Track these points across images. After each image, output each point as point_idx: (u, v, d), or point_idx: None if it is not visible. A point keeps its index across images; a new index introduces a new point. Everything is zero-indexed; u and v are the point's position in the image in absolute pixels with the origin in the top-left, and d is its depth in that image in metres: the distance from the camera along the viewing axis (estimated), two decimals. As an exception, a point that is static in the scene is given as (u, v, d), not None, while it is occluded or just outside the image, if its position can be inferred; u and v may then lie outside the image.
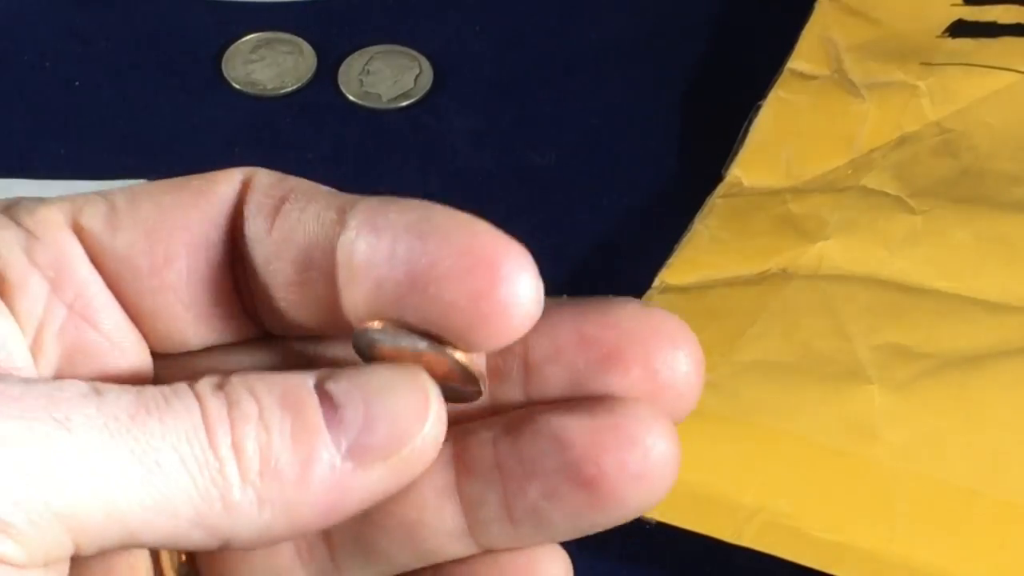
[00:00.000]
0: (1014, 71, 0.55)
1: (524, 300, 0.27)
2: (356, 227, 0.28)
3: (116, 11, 0.63)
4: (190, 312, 0.29)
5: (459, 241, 0.27)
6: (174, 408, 0.27)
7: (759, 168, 0.54)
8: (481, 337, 0.27)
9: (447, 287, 0.27)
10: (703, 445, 0.45)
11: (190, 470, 0.26)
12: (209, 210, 0.29)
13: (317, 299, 0.29)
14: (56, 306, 0.29)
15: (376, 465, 0.27)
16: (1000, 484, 0.44)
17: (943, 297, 0.48)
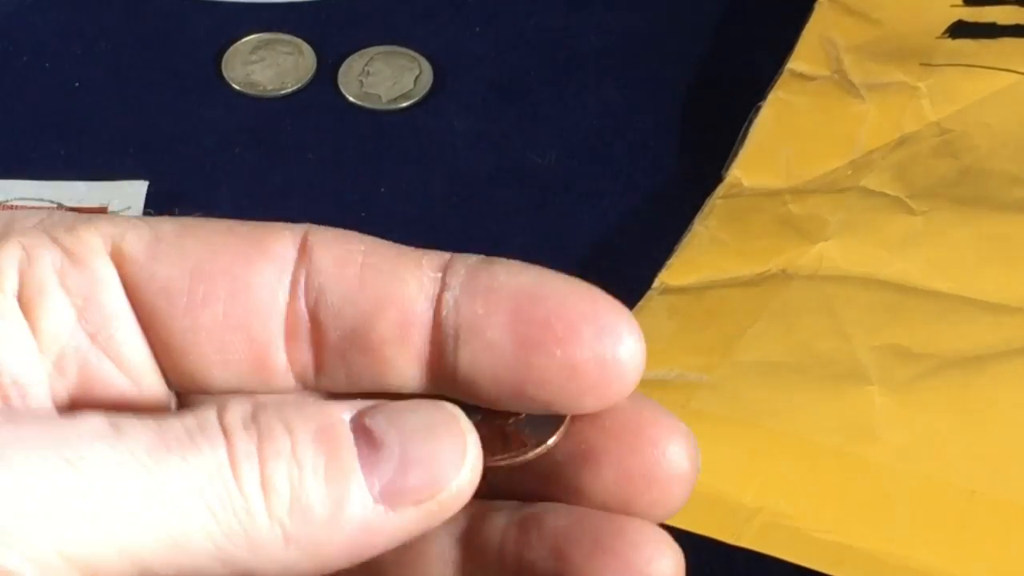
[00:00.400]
0: (1014, 72, 0.55)
1: (639, 361, 0.28)
2: (462, 287, 0.28)
3: (116, 11, 0.63)
4: (219, 356, 0.29)
5: (575, 305, 0.28)
6: (198, 445, 0.26)
7: (759, 169, 0.54)
8: (594, 399, 0.28)
9: (564, 351, 0.27)
10: (703, 445, 0.45)
11: (212, 508, 0.26)
12: (259, 260, 0.28)
13: (399, 348, 0.28)
14: (79, 334, 0.28)
15: (408, 508, 0.27)
16: (1000, 484, 0.44)
17: (943, 297, 0.48)
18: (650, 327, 0.49)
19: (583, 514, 0.29)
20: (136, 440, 0.26)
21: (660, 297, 0.50)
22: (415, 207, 0.57)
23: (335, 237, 0.29)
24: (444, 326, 0.28)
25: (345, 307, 0.28)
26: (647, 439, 0.29)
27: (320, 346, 0.29)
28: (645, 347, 0.28)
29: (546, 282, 0.28)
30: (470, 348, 0.28)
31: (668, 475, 0.29)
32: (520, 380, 0.28)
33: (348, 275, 0.28)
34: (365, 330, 0.28)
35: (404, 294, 0.28)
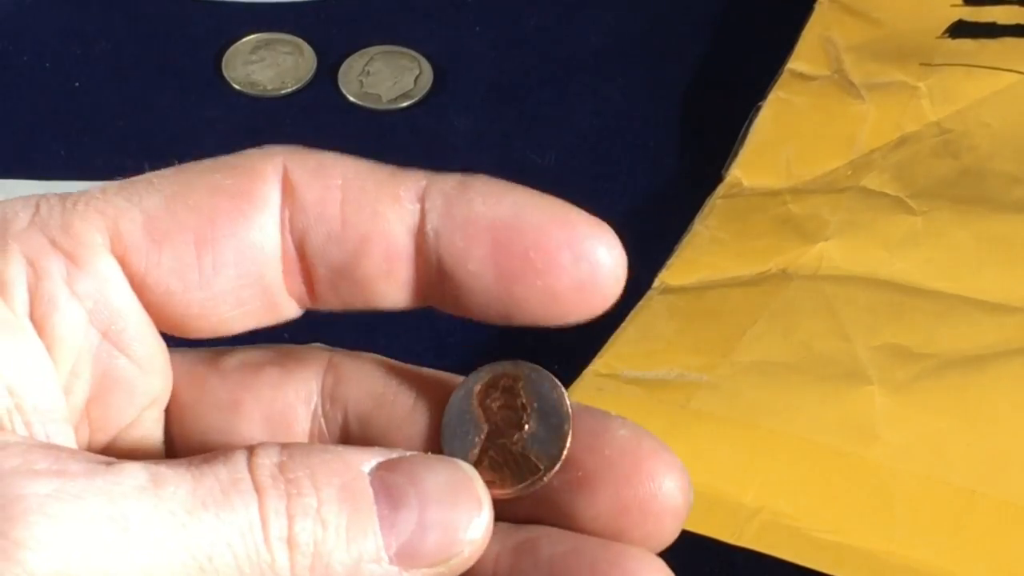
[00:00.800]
0: (1014, 72, 0.55)
1: (619, 274, 0.29)
2: (441, 219, 0.29)
3: (116, 11, 0.63)
4: (236, 311, 0.29)
5: (552, 233, 0.29)
6: (232, 502, 0.27)
7: (759, 168, 0.54)
8: (576, 316, 0.29)
9: (543, 280, 0.28)
10: (703, 445, 0.45)
11: (240, 564, 0.27)
12: (253, 213, 0.29)
13: (386, 281, 0.29)
14: (92, 335, 0.29)
15: (421, 570, 0.28)
16: (1000, 484, 0.44)
17: (943, 297, 0.48)
18: (650, 327, 0.49)
19: (579, 541, 0.29)
20: (174, 495, 0.26)
21: (660, 297, 0.50)
22: (415, 207, 0.57)
23: (314, 169, 0.29)
24: (427, 257, 0.29)
25: (329, 246, 0.29)
26: (645, 472, 0.29)
27: (310, 279, 0.29)
28: (624, 257, 0.29)
29: (523, 210, 0.29)
30: (453, 278, 0.29)
31: (663, 509, 0.29)
32: (504, 305, 0.29)
33: (329, 215, 0.29)
34: (351, 267, 0.29)
35: (385, 230, 0.29)
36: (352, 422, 0.31)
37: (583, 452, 0.29)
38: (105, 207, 0.29)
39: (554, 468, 0.29)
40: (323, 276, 0.29)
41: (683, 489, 0.29)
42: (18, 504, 0.25)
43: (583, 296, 0.29)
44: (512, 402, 0.30)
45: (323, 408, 0.31)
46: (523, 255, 0.29)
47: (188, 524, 0.26)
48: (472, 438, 0.30)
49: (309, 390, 0.31)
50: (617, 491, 0.29)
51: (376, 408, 0.30)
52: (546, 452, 0.29)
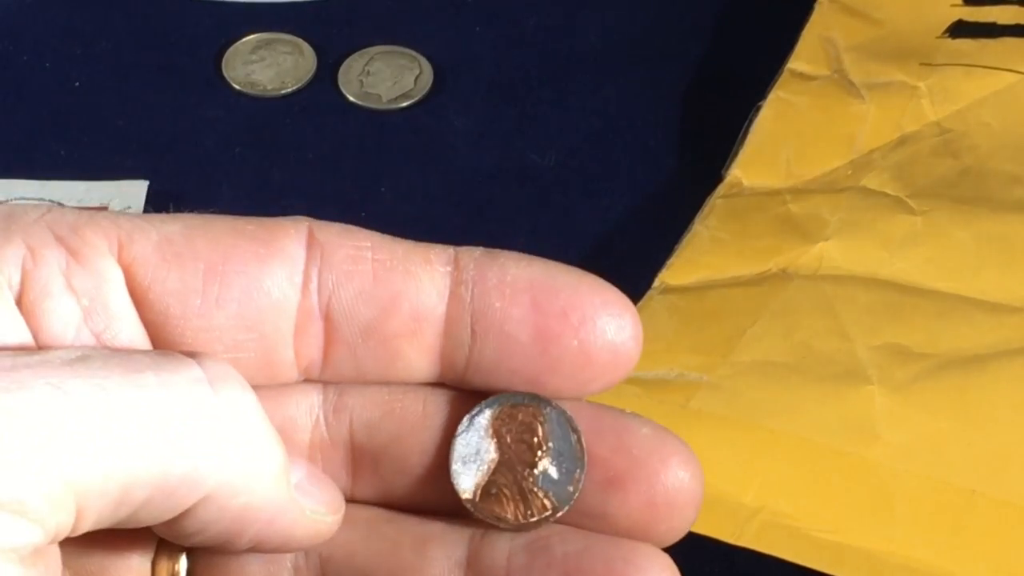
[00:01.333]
0: (1014, 72, 0.55)
1: (640, 343, 0.29)
2: (475, 281, 0.29)
3: (116, 11, 0.63)
4: (229, 355, 0.29)
5: (587, 296, 0.29)
6: (170, 366, 0.27)
7: (759, 168, 0.54)
8: (602, 383, 0.29)
9: (580, 340, 0.29)
10: (703, 445, 0.45)
11: (196, 424, 0.27)
12: (271, 260, 0.29)
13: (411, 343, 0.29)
14: (84, 334, 0.29)
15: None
16: (1000, 484, 0.44)
17: (943, 297, 0.48)
18: (650, 327, 0.49)
19: (591, 539, 0.30)
20: (105, 365, 0.27)
21: (660, 297, 0.50)
22: (415, 207, 0.57)
23: (339, 233, 0.29)
24: (459, 320, 0.29)
25: (358, 304, 0.29)
26: (672, 468, 0.30)
27: (330, 341, 0.29)
28: (641, 326, 0.29)
29: (555, 274, 0.29)
30: (486, 341, 0.29)
31: (687, 502, 0.30)
32: (536, 369, 0.29)
33: (361, 272, 0.29)
34: (378, 325, 0.29)
35: (417, 289, 0.29)
36: (358, 430, 0.31)
37: (611, 453, 0.30)
38: (121, 221, 0.29)
39: (561, 511, 0.30)
40: (345, 337, 0.29)
41: (701, 481, 0.30)
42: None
43: (613, 359, 0.29)
44: (529, 436, 0.30)
45: (326, 418, 0.31)
46: (560, 314, 0.29)
47: (124, 387, 0.26)
48: (483, 464, 0.30)
49: (311, 401, 0.31)
50: (649, 488, 0.30)
51: (383, 416, 0.30)
52: (557, 494, 0.30)
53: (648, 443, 0.30)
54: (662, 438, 0.30)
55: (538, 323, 0.29)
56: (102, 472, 0.26)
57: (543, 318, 0.29)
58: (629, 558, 0.29)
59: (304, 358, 0.30)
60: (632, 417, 0.30)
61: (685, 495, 0.30)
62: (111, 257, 0.29)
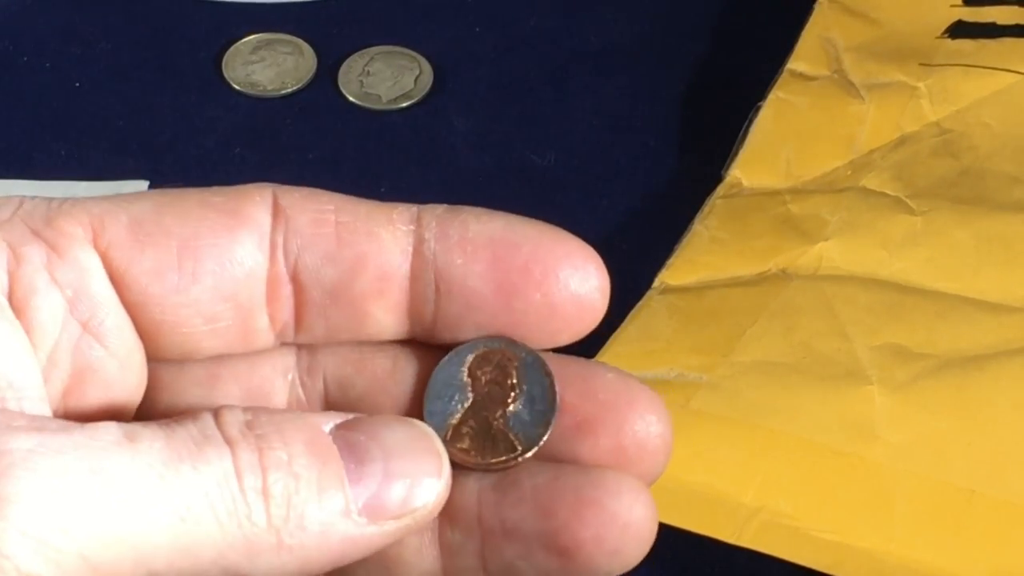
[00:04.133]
0: (1014, 72, 0.55)
1: (607, 292, 0.30)
2: (437, 239, 0.29)
3: (116, 11, 0.63)
4: (208, 327, 0.30)
5: (549, 249, 0.29)
6: (206, 455, 0.27)
7: (759, 168, 0.54)
8: (569, 334, 0.29)
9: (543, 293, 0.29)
10: (703, 445, 0.45)
11: (218, 515, 0.27)
12: (240, 229, 0.29)
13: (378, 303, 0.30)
14: (71, 324, 0.29)
15: (388, 522, 0.28)
16: (1000, 484, 0.44)
17: (943, 297, 0.48)
18: (650, 327, 0.49)
19: (558, 469, 0.30)
20: (150, 449, 0.27)
21: (660, 297, 0.50)
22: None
23: (304, 197, 0.30)
24: (423, 278, 0.29)
25: (325, 267, 0.30)
26: (639, 411, 0.30)
27: (301, 304, 0.30)
28: (608, 277, 0.30)
29: (517, 228, 0.30)
30: (450, 297, 0.29)
31: (657, 444, 0.30)
32: (501, 323, 0.29)
33: (324, 235, 0.29)
34: (345, 286, 0.30)
35: (381, 249, 0.29)
36: (332, 389, 0.31)
37: (578, 399, 0.30)
38: (92, 207, 0.29)
39: (530, 452, 0.30)
40: (314, 299, 0.30)
41: (669, 423, 0.30)
42: (2, 459, 0.26)
43: (578, 311, 0.29)
44: (502, 379, 0.30)
45: (301, 380, 0.31)
46: (523, 268, 0.29)
47: (165, 475, 0.27)
48: (456, 404, 0.30)
49: (286, 363, 0.31)
50: (617, 431, 0.30)
51: (356, 373, 0.31)
52: (526, 435, 0.30)
53: (614, 387, 0.30)
54: (627, 383, 0.30)
55: (500, 278, 0.29)
56: (132, 558, 0.26)
57: (505, 273, 0.29)
58: (598, 483, 0.29)
59: (278, 322, 0.30)
60: (596, 364, 0.31)
61: (655, 438, 0.30)
62: (88, 245, 0.29)
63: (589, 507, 0.29)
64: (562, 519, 0.29)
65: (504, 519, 0.30)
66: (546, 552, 0.29)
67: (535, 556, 0.30)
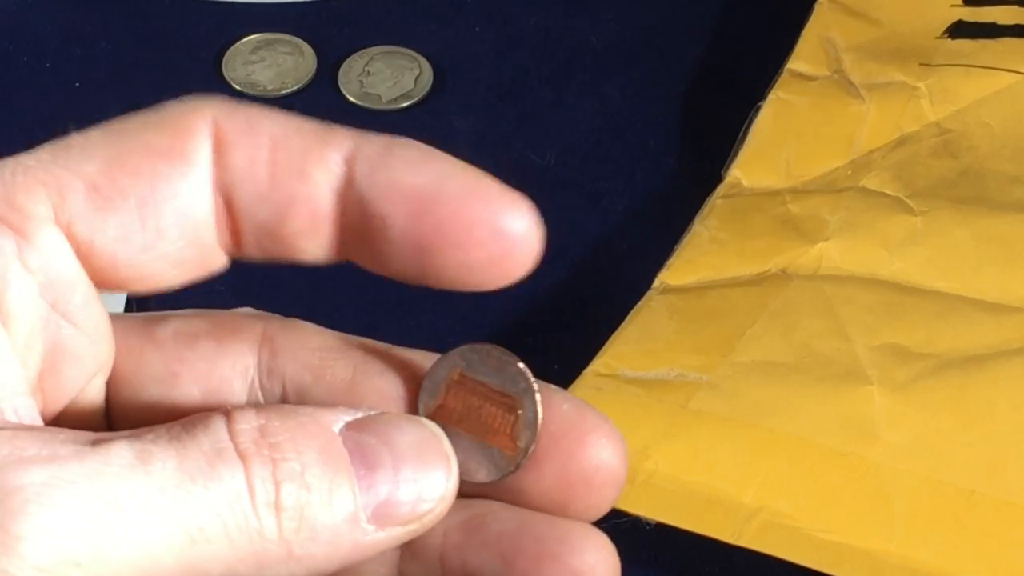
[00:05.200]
0: (1014, 72, 0.55)
1: (533, 242, 0.29)
2: (364, 184, 0.29)
3: (116, 11, 0.63)
4: (176, 270, 0.30)
5: (470, 206, 0.29)
6: (220, 474, 0.27)
7: (759, 169, 0.54)
8: (491, 284, 0.29)
9: (457, 254, 0.29)
10: (703, 445, 0.45)
11: (230, 532, 0.27)
12: (191, 174, 0.29)
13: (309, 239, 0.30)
14: (42, 307, 0.29)
15: (395, 528, 0.28)
16: (1000, 484, 0.44)
17: (943, 297, 0.48)
18: (650, 327, 0.49)
19: (526, 517, 0.30)
20: (163, 471, 0.27)
21: (660, 297, 0.50)
22: (415, 207, 0.57)
23: (243, 127, 0.30)
24: (350, 218, 0.29)
25: (257, 205, 0.30)
26: (589, 446, 0.30)
27: (236, 233, 0.30)
28: (537, 227, 0.29)
29: (443, 181, 0.29)
30: (372, 243, 0.29)
31: (605, 481, 0.30)
32: (421, 272, 0.29)
33: (258, 175, 0.29)
34: (276, 225, 0.30)
35: (312, 192, 0.29)
36: (291, 396, 0.31)
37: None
38: (46, 177, 0.29)
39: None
40: (248, 231, 0.30)
41: (622, 459, 0.30)
42: (16, 496, 0.26)
43: (497, 268, 0.29)
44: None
45: (260, 381, 0.31)
46: (439, 227, 0.29)
47: (179, 498, 0.27)
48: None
49: (245, 364, 0.31)
50: (563, 466, 0.30)
51: (314, 382, 0.31)
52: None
53: (566, 420, 0.30)
54: (582, 414, 0.30)
55: (416, 235, 0.29)
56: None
57: (421, 230, 0.29)
58: (563, 537, 0.29)
59: (223, 245, 0.30)
60: (555, 393, 0.30)
61: (603, 474, 0.30)
62: (51, 224, 0.29)
63: (551, 561, 0.29)
64: (522, 569, 0.29)
65: (466, 561, 0.30)
66: None
67: None
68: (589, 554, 0.29)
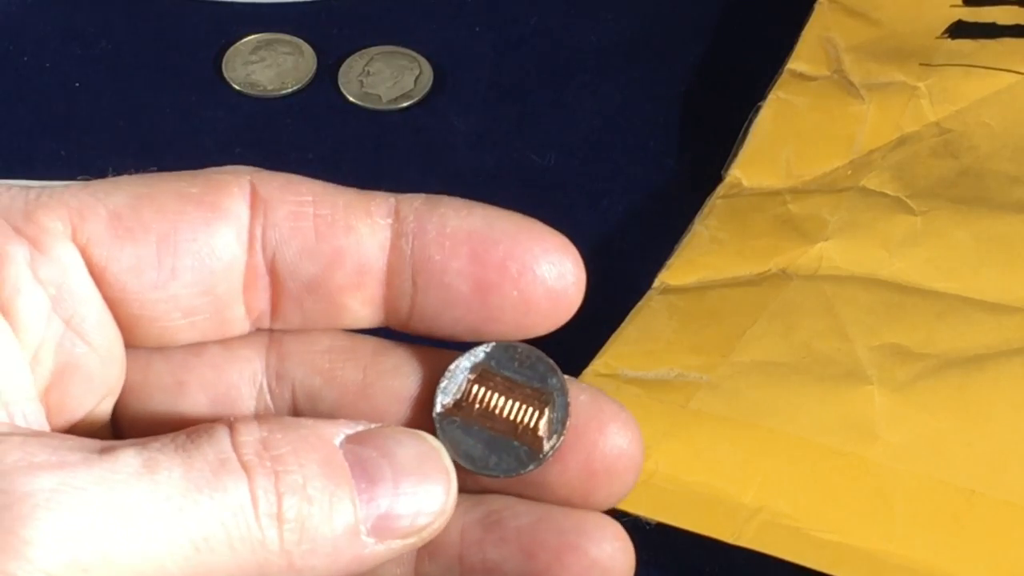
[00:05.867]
0: (1014, 72, 0.55)
1: (582, 285, 0.30)
2: (415, 234, 0.29)
3: (116, 11, 0.63)
4: (187, 320, 0.30)
5: (526, 245, 0.29)
6: (224, 484, 0.27)
7: (759, 168, 0.54)
8: (544, 327, 0.30)
9: (519, 290, 0.29)
10: (703, 445, 0.45)
11: (233, 542, 0.27)
12: (218, 223, 0.30)
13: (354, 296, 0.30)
14: (55, 322, 0.29)
15: (395, 541, 0.28)
16: (1000, 484, 0.44)
17: (943, 297, 0.48)
18: (650, 327, 0.49)
19: (543, 511, 0.30)
20: (169, 480, 0.27)
21: (660, 297, 0.50)
22: (415, 207, 0.57)
23: (281, 187, 0.30)
24: (400, 272, 0.30)
25: (302, 260, 0.30)
26: (610, 435, 0.30)
27: (277, 295, 0.30)
28: (584, 270, 0.30)
29: (495, 223, 0.30)
30: (427, 292, 0.30)
31: (627, 467, 0.30)
32: (477, 317, 0.30)
33: (303, 229, 0.30)
34: (322, 280, 0.30)
35: (358, 244, 0.30)
36: (301, 400, 0.31)
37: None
38: (70, 200, 0.29)
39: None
40: (291, 291, 0.30)
41: (640, 445, 0.30)
42: (25, 502, 0.26)
43: (554, 305, 0.30)
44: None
45: (269, 386, 0.31)
46: (499, 265, 0.29)
47: (184, 507, 0.27)
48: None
49: (253, 370, 0.31)
50: (587, 456, 0.30)
51: (324, 385, 0.31)
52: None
53: (586, 411, 0.30)
54: (599, 405, 0.30)
55: (477, 275, 0.29)
56: None
57: (482, 269, 0.29)
58: (582, 529, 0.30)
59: (254, 311, 0.30)
60: (572, 383, 0.31)
61: (624, 461, 0.30)
62: (68, 241, 0.29)
63: (571, 553, 0.30)
64: (543, 563, 0.30)
65: (485, 558, 0.30)
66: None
67: None
68: (607, 543, 0.30)
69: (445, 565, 0.31)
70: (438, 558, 0.31)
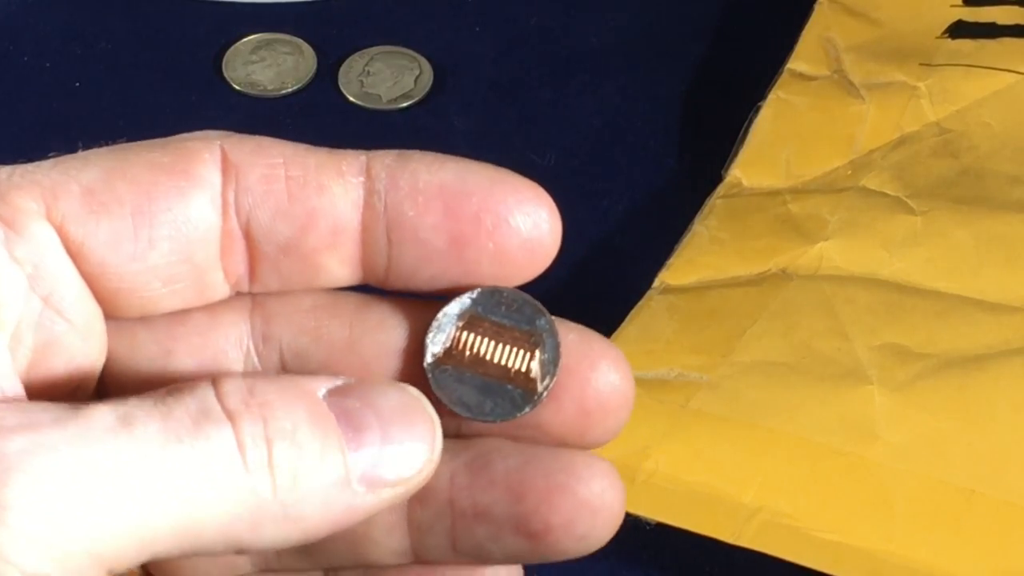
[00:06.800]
0: (1014, 72, 0.55)
1: (558, 233, 0.30)
2: (388, 190, 0.29)
3: (116, 11, 0.63)
4: (167, 288, 0.30)
5: (500, 196, 0.30)
6: (206, 431, 0.27)
7: (759, 168, 0.54)
8: (521, 277, 0.30)
9: (495, 241, 0.29)
10: (703, 445, 0.45)
11: (221, 492, 0.27)
12: (192, 191, 0.29)
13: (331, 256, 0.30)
14: (33, 300, 0.29)
15: (384, 490, 0.28)
16: (1000, 484, 0.44)
17: (943, 297, 0.48)
18: (650, 327, 0.49)
19: (530, 452, 0.30)
20: (145, 433, 0.27)
21: (660, 297, 0.50)
22: (415, 207, 0.57)
23: (252, 150, 0.30)
24: (375, 229, 0.30)
25: (276, 222, 0.30)
26: (601, 372, 0.30)
27: (254, 258, 0.30)
28: (560, 218, 0.30)
29: (467, 176, 0.30)
30: (403, 248, 0.29)
31: (620, 403, 0.30)
32: (454, 271, 0.30)
33: (275, 191, 0.29)
34: (298, 241, 0.30)
35: (332, 203, 0.29)
36: (289, 360, 0.31)
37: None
38: (42, 179, 0.29)
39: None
40: (268, 254, 0.30)
41: (631, 379, 0.30)
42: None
43: (530, 256, 0.30)
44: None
45: (256, 349, 0.31)
46: (474, 218, 0.29)
47: (164, 459, 0.26)
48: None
49: (239, 333, 0.31)
50: (580, 395, 0.30)
51: (312, 343, 0.31)
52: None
53: (576, 350, 0.30)
54: (589, 343, 0.30)
55: (452, 229, 0.29)
56: (136, 543, 0.26)
57: (456, 223, 0.29)
58: (570, 469, 0.30)
59: (232, 276, 0.30)
60: (561, 323, 0.31)
61: (617, 397, 0.30)
62: (43, 219, 0.29)
63: (560, 493, 0.30)
64: (533, 504, 0.30)
65: (476, 502, 0.30)
66: (516, 535, 0.30)
67: (505, 538, 0.30)
68: (596, 482, 0.30)
69: (437, 511, 0.31)
70: (429, 504, 0.31)
